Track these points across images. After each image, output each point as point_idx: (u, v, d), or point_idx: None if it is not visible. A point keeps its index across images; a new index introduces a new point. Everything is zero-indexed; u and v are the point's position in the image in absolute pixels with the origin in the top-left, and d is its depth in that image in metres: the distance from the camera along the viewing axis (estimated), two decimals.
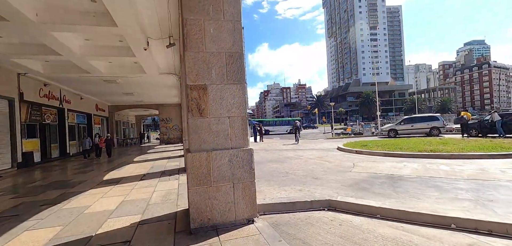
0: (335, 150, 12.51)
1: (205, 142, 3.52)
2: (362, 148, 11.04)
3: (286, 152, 12.72)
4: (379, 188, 5.23)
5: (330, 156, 10.47)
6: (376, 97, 35.55)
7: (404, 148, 9.97)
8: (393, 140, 14.64)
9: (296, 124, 20.53)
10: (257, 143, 21.75)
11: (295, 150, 13.45)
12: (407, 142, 11.95)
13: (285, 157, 10.94)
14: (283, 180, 6.36)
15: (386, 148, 10.53)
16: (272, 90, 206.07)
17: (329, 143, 17.34)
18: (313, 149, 13.57)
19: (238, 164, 3.59)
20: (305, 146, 16.02)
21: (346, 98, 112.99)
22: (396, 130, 19.71)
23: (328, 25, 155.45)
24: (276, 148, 15.39)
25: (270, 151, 13.96)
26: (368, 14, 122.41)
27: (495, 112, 15.84)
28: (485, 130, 16.19)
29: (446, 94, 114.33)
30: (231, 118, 3.64)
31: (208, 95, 3.55)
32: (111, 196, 5.77)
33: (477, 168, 6.62)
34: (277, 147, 16.41)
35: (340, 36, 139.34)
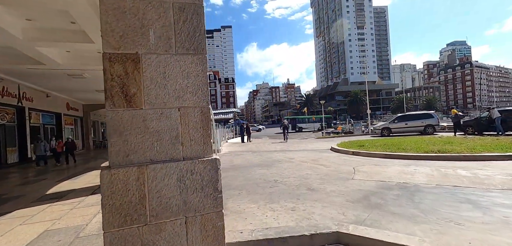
0: (328, 151, 11.29)
1: (136, 150, 2.10)
2: (359, 149, 9.86)
3: (276, 154, 11.39)
4: (397, 204, 3.96)
5: (324, 158, 9.21)
6: (366, 96, 34.91)
7: (407, 149, 8.84)
8: (389, 139, 13.60)
9: (284, 123, 21.40)
10: (244, 143, 20.33)
11: (285, 151, 12.15)
12: (408, 141, 10.87)
13: (274, 160, 9.60)
14: (270, 193, 5.00)
15: (386, 148, 9.38)
16: (261, 90, 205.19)
17: (321, 143, 16.17)
18: (305, 150, 12.30)
19: (195, 184, 2.19)
20: (295, 146, 14.76)
21: (335, 97, 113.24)
22: (389, 129, 18.81)
23: (316, 25, 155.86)
24: (264, 149, 14.05)
25: (257, 152, 12.59)
26: (356, 14, 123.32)
27: (495, 108, 15.12)
28: (482, 127, 15.47)
29: (431, 93, 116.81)
30: (184, 110, 2.24)
31: (141, 71, 2.13)
32: (35, 221, 4.22)
33: (504, 173, 5.48)
34: (266, 147, 15.07)
35: (328, 35, 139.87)
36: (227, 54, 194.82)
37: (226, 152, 13.67)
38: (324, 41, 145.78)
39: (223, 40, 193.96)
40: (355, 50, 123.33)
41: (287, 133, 21.06)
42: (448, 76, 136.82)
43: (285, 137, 20.79)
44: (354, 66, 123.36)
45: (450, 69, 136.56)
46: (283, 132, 21.31)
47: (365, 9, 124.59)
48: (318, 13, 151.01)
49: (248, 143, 19.98)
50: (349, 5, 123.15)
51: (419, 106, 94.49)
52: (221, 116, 30.03)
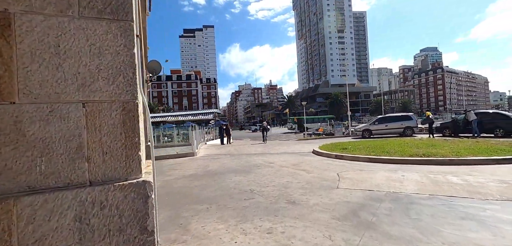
0: (310, 154, 10.74)
1: (1, 172, 1.26)
2: (342, 152, 9.37)
3: (255, 158, 10.66)
4: (391, 222, 3.35)
5: (306, 162, 8.61)
6: (347, 98, 35.25)
7: (391, 152, 8.46)
8: (371, 141, 13.35)
9: (264, 125, 21.54)
10: (224, 146, 19.45)
11: (265, 155, 11.47)
12: (391, 144, 10.58)
13: (252, 164, 8.86)
14: (244, 208, 4.24)
15: (369, 151, 8.96)
16: (244, 91, 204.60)
17: (302, 145, 15.68)
18: (286, 153, 11.69)
19: (107, 224, 1.39)
20: (276, 149, 14.13)
21: (316, 99, 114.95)
22: (370, 130, 18.77)
23: (298, 27, 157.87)
24: (244, 152, 13.28)
25: (236, 156, 11.80)
26: (336, 18, 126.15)
27: (471, 111, 15.42)
28: (459, 129, 15.74)
29: (406, 96, 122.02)
30: (92, 106, 1.42)
31: (14, 40, 1.30)
32: None
33: (496, 180, 5.11)
34: (246, 150, 14.31)
35: (310, 38, 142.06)
36: (209, 54, 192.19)
37: (202, 156, 12.75)
38: (306, 43, 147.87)
39: (205, 40, 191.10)
40: (336, 53, 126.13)
41: (266, 135, 21.46)
42: (422, 80, 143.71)
43: (264, 139, 20.78)
44: (335, 69, 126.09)
45: (424, 74, 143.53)
46: (262, 133, 21.31)
47: (345, 13, 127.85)
48: (300, 15, 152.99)
49: (228, 146, 19.13)
50: (330, 9, 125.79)
51: (396, 109, 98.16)
52: (200, 117, 28.90)
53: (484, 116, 14.84)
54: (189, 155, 12.33)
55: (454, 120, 16.34)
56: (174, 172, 8.26)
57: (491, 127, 14.25)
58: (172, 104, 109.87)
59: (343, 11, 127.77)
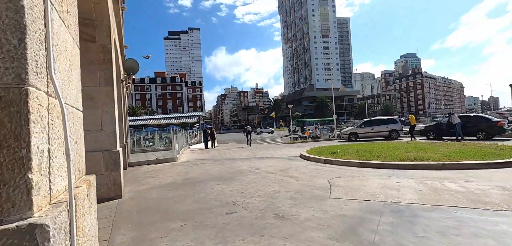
0: (298, 159, 10.27)
1: None
2: (331, 157, 8.95)
3: (239, 163, 10.05)
4: (396, 242, 2.85)
5: (294, 168, 8.10)
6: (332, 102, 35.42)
7: (382, 156, 8.13)
8: (359, 145, 13.10)
9: (247, 128, 21.52)
10: (208, 150, 18.68)
11: (251, 159, 10.88)
12: (380, 147, 10.31)
13: (236, 170, 8.24)
14: (225, 225, 3.62)
15: (359, 156, 8.60)
16: (230, 94, 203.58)
17: (289, 149, 15.23)
18: (272, 158, 11.16)
19: None
20: (262, 153, 13.58)
21: (302, 102, 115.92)
22: (356, 134, 18.64)
23: (284, 31, 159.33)
24: (228, 157, 12.63)
25: (219, 161, 11.13)
26: (321, 23, 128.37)
27: (454, 114, 15.61)
28: (442, 132, 15.89)
29: (388, 100, 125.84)
30: None
31: None
32: None
33: (496, 187, 4.79)
34: (230, 155, 13.66)
35: (295, 42, 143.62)
36: (194, 57, 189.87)
37: (184, 161, 11.97)
38: (292, 47, 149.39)
39: (191, 43, 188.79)
40: (321, 57, 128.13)
41: (251, 139, 21.24)
42: (402, 84, 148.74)
43: (248, 142, 20.50)
44: (320, 73, 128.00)
45: (404, 79, 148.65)
46: (247, 137, 21.06)
47: (329, 18, 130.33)
48: (285, 20, 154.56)
49: (212, 150, 18.38)
50: (315, 14, 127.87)
51: (378, 112, 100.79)
52: (184, 120, 27.90)
53: (467, 120, 15.05)
54: (169, 160, 11.52)
55: (438, 123, 16.50)
56: (151, 180, 7.49)
57: (473, 130, 14.43)
58: (156, 107, 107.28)
59: (328, 16, 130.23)
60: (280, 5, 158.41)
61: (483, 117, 14.91)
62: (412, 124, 16.92)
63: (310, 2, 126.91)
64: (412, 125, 16.86)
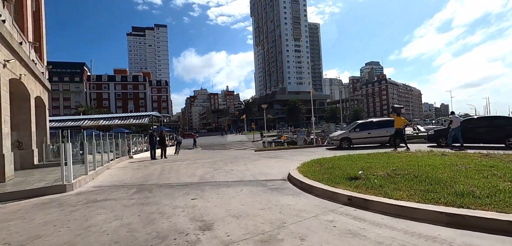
0: (288, 188, 5.67)
1: None
2: (361, 192, 4.40)
3: (180, 200, 5.12)
4: None
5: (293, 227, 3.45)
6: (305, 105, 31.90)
7: (480, 195, 3.84)
8: (366, 156, 8.90)
9: (177, 139, 19.60)
10: (153, 162, 13.40)
11: (204, 187, 6.07)
12: (420, 163, 6.08)
13: (162, 230, 3.40)
14: None
15: (418, 184, 4.27)
16: (199, 96, 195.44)
17: (266, 162, 10.64)
18: (241, 183, 6.43)
19: None
20: (227, 170, 8.80)
21: (274, 105, 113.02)
22: (350, 139, 14.73)
23: (255, 33, 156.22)
24: (169, 181, 7.63)
25: (146, 191, 6.10)
26: (293, 26, 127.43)
27: (455, 114, 12.91)
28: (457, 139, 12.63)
29: (356, 105, 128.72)
30: None
31: None
32: None
33: None
34: (176, 175, 8.65)
35: (267, 44, 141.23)
36: (161, 55, 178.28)
37: (82, 191, 6.71)
38: (264, 50, 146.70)
39: (157, 40, 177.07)
40: (292, 61, 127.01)
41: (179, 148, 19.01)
42: (369, 90, 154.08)
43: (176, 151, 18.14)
44: (291, 76, 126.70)
45: (370, 84, 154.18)
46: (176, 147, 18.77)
47: (301, 23, 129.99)
48: (257, 22, 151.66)
49: (158, 162, 13.13)
50: (287, 18, 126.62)
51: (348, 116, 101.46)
52: (132, 121, 22.01)
53: (491, 122, 11.91)
54: (50, 191, 6.21)
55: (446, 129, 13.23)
56: None
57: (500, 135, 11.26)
58: (115, 108, 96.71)
59: (299, 20, 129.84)
60: (252, 6, 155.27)
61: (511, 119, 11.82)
62: (398, 128, 12.43)
63: (282, 5, 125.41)
64: (399, 129, 12.41)
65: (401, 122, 12.53)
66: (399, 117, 12.91)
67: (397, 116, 13.17)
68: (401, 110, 20.79)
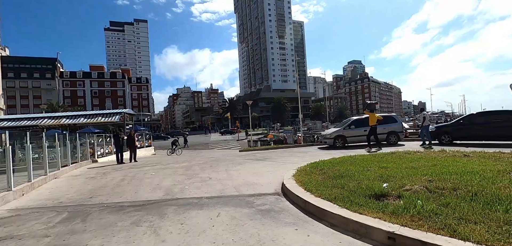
0: (281, 205, 4.02)
1: None
2: (392, 220, 2.88)
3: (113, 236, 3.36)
4: None
5: None
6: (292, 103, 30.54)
7: None
8: (371, 157, 7.41)
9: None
10: (117, 167, 11.29)
11: (161, 208, 4.27)
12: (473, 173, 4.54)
13: None
14: None
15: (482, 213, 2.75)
16: (182, 94, 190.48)
17: (253, 165, 8.94)
18: (218, 201, 4.67)
19: None
20: (203, 178, 7.02)
21: (258, 103, 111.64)
22: (344, 137, 13.32)
23: (240, 31, 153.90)
24: (124, 197, 5.74)
25: (80, 213, 4.22)
26: (277, 23, 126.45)
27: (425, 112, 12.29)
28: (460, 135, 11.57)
29: (340, 102, 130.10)
30: None
31: None
32: None
33: None
34: (135, 184, 6.76)
35: (252, 42, 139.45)
36: (141, 52, 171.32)
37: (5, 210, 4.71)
38: (248, 47, 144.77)
39: (137, 36, 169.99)
40: (277, 59, 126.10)
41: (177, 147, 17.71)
42: (352, 88, 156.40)
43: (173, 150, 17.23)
44: (276, 74, 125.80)
45: (353, 82, 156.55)
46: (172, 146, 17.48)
47: (285, 20, 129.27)
48: (241, 18, 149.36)
49: (123, 168, 11.03)
50: (271, 15, 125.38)
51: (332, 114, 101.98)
52: (100, 119, 19.50)
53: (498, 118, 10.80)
54: None
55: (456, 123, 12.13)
56: None
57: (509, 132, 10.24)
58: (91, 106, 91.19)
59: (284, 18, 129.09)
60: (236, 3, 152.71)
61: None
62: (372, 125, 11.50)
63: (266, 2, 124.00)
64: (374, 126, 11.49)
65: (375, 118, 11.61)
66: (373, 114, 11.89)
67: (371, 112, 12.04)
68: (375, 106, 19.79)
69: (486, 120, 11.08)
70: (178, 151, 17.43)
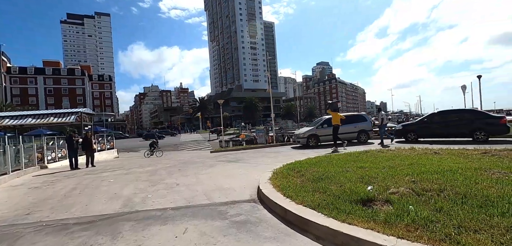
0: (258, 214, 3.55)
1: None
2: (385, 230, 2.57)
3: None
4: None
5: None
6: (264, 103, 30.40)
7: None
8: (346, 156, 7.28)
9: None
10: (69, 174, 9.96)
11: (116, 226, 3.54)
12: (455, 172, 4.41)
13: None
14: None
15: (479, 218, 2.54)
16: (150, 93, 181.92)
17: (224, 167, 8.37)
18: (185, 212, 4.05)
19: None
20: (169, 182, 6.29)
21: (230, 103, 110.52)
22: (317, 136, 13.32)
23: (210, 29, 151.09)
24: (61, 215, 4.85)
25: (10, 236, 3.35)
26: (248, 23, 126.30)
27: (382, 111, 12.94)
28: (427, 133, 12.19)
29: (309, 102, 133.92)
30: None
31: None
32: None
33: None
34: (80, 205, 5.84)
35: (223, 40, 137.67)
36: (104, 48, 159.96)
37: None
38: (219, 46, 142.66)
39: (98, 30, 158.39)
40: (248, 58, 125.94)
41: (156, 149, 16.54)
42: (321, 88, 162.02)
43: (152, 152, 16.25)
44: (247, 73, 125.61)
45: (322, 83, 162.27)
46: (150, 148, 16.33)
47: (256, 20, 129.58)
48: (212, 16, 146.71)
49: (76, 175, 9.74)
50: (242, 14, 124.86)
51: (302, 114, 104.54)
52: (52, 119, 17.39)
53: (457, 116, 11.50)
54: None
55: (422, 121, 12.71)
56: None
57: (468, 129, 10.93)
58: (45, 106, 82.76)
59: (255, 17, 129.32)
60: (206, 0, 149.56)
61: (480, 113, 11.57)
62: (335, 125, 11.27)
63: (237, 0, 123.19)
64: (337, 125, 11.26)
65: (338, 118, 11.45)
66: (336, 113, 11.79)
67: (334, 111, 12.00)
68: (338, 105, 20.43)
69: (445, 119, 11.74)
70: (158, 153, 16.32)
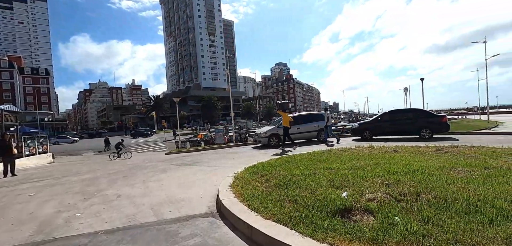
0: (218, 234, 2.86)
1: None
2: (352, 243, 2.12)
3: None
4: None
5: None
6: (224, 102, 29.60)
7: None
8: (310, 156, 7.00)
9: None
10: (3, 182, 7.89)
11: None
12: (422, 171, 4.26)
13: None
14: None
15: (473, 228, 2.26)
16: (97, 90, 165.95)
17: (178, 173, 7.43)
18: (124, 236, 3.21)
19: None
20: (109, 194, 5.18)
21: (188, 101, 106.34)
22: (279, 136, 13.03)
23: (166, 23, 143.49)
24: None
25: None
26: (207, 20, 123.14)
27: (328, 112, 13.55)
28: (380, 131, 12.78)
29: (268, 102, 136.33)
30: None
31: None
32: None
33: None
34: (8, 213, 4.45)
35: (180, 36, 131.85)
36: (39, 37, 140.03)
37: None
38: (175, 42, 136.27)
39: (32, 17, 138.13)
40: (207, 56, 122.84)
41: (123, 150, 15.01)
42: (279, 88, 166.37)
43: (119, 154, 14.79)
44: (206, 72, 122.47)
45: (280, 83, 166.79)
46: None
47: (215, 17, 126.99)
48: (168, 11, 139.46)
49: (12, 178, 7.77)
50: (201, 10, 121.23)
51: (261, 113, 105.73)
52: None
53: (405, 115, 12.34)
54: None
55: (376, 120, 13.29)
56: None
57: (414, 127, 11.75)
58: None
59: (214, 14, 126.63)
60: None
61: (426, 112, 12.45)
62: (285, 126, 11.34)
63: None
64: (286, 127, 11.33)
65: (288, 119, 11.42)
66: (286, 114, 11.74)
67: (284, 112, 11.96)
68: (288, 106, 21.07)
69: (396, 118, 12.47)
70: (126, 155, 14.63)
